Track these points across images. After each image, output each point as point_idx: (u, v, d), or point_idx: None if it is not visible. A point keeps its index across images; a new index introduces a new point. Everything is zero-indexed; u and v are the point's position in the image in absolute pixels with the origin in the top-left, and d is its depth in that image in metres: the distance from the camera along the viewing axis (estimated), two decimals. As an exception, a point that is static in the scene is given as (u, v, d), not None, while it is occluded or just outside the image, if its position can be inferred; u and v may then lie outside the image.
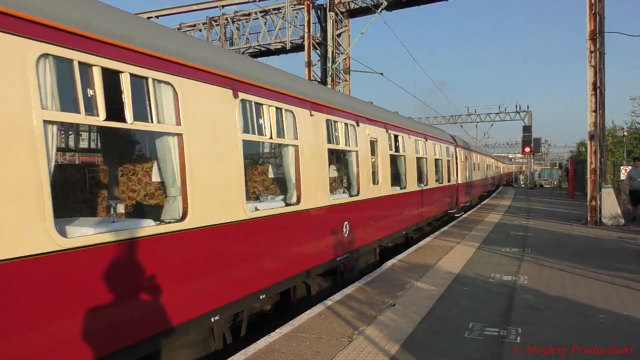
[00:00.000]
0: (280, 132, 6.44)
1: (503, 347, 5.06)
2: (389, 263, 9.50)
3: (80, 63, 3.69)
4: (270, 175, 7.80)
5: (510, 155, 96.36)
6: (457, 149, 20.54)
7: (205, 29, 26.47)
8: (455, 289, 7.48)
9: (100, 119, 3.84)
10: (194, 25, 26.98)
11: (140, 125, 4.23)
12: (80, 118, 3.72)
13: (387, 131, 10.70)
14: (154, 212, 4.97)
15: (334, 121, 8.09)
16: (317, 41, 22.60)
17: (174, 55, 4.59)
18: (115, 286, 3.86)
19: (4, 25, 3.17)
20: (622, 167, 17.95)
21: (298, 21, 23.70)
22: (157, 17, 25.58)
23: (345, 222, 8.40)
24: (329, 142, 7.85)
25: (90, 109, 3.77)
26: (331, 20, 18.92)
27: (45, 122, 3.42)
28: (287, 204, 6.66)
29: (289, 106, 6.60)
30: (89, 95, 3.77)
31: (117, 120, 4.01)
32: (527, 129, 39.19)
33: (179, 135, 4.60)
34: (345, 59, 22.50)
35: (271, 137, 6.21)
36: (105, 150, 6.77)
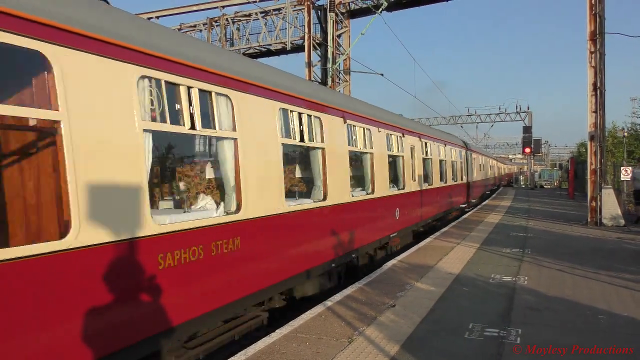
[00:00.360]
0: (365, 144, 9.43)
1: (503, 348, 5.07)
2: (389, 264, 9.52)
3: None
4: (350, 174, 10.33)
5: (510, 156, 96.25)
6: (468, 152, 22.50)
7: (205, 29, 26.46)
8: (455, 290, 7.49)
9: (297, 140, 6.88)
10: (195, 26, 26.91)
11: (312, 144, 7.34)
12: (293, 141, 6.84)
13: (420, 139, 13.62)
14: (305, 195, 8.06)
15: (390, 134, 10.97)
16: (318, 42, 22.59)
17: (322, 100, 7.70)
18: (304, 230, 7.05)
19: (265, 94, 6.11)
20: (622, 168, 17.93)
21: (298, 22, 23.65)
22: (157, 17, 25.54)
23: (397, 208, 11.21)
24: (388, 150, 10.74)
25: (300, 136, 6.95)
26: (331, 21, 18.91)
27: (282, 144, 6.47)
28: (367, 193, 9.59)
29: (368, 126, 9.60)
30: (298, 129, 6.88)
31: (306, 141, 7.09)
32: (527, 130, 39.05)
33: (323, 148, 7.64)
34: (345, 59, 22.50)
35: (360, 148, 9.23)
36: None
